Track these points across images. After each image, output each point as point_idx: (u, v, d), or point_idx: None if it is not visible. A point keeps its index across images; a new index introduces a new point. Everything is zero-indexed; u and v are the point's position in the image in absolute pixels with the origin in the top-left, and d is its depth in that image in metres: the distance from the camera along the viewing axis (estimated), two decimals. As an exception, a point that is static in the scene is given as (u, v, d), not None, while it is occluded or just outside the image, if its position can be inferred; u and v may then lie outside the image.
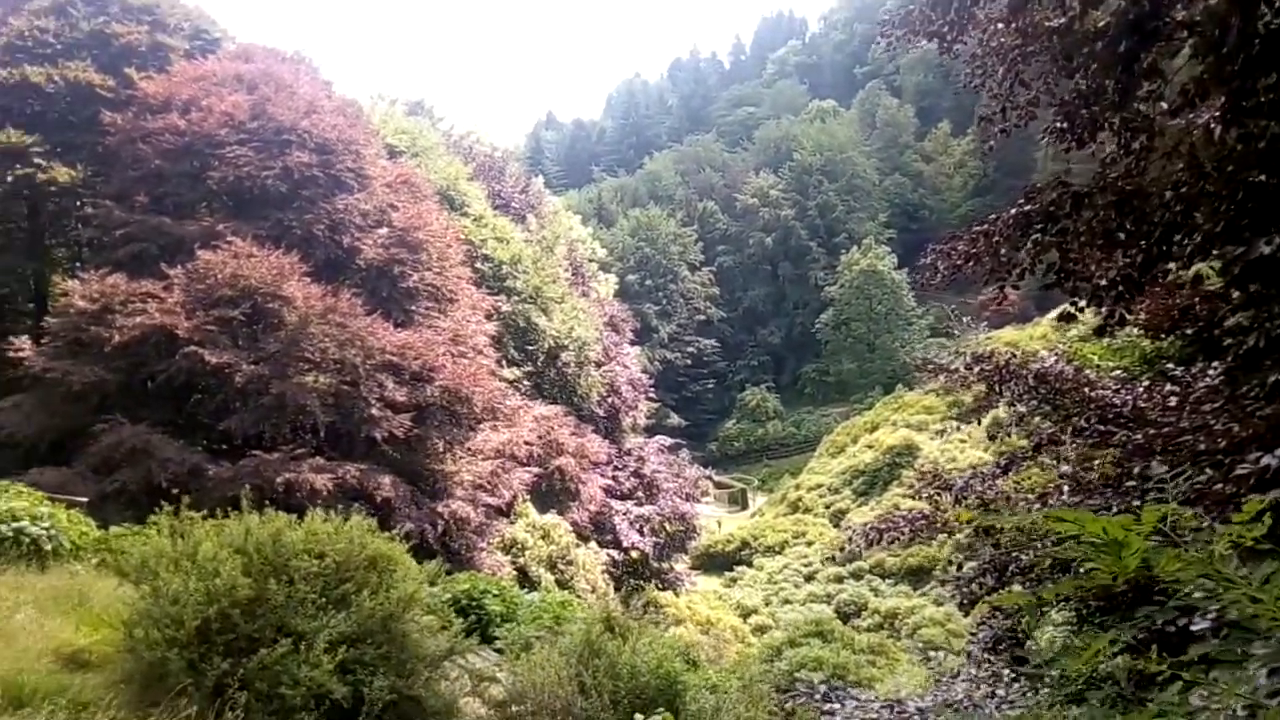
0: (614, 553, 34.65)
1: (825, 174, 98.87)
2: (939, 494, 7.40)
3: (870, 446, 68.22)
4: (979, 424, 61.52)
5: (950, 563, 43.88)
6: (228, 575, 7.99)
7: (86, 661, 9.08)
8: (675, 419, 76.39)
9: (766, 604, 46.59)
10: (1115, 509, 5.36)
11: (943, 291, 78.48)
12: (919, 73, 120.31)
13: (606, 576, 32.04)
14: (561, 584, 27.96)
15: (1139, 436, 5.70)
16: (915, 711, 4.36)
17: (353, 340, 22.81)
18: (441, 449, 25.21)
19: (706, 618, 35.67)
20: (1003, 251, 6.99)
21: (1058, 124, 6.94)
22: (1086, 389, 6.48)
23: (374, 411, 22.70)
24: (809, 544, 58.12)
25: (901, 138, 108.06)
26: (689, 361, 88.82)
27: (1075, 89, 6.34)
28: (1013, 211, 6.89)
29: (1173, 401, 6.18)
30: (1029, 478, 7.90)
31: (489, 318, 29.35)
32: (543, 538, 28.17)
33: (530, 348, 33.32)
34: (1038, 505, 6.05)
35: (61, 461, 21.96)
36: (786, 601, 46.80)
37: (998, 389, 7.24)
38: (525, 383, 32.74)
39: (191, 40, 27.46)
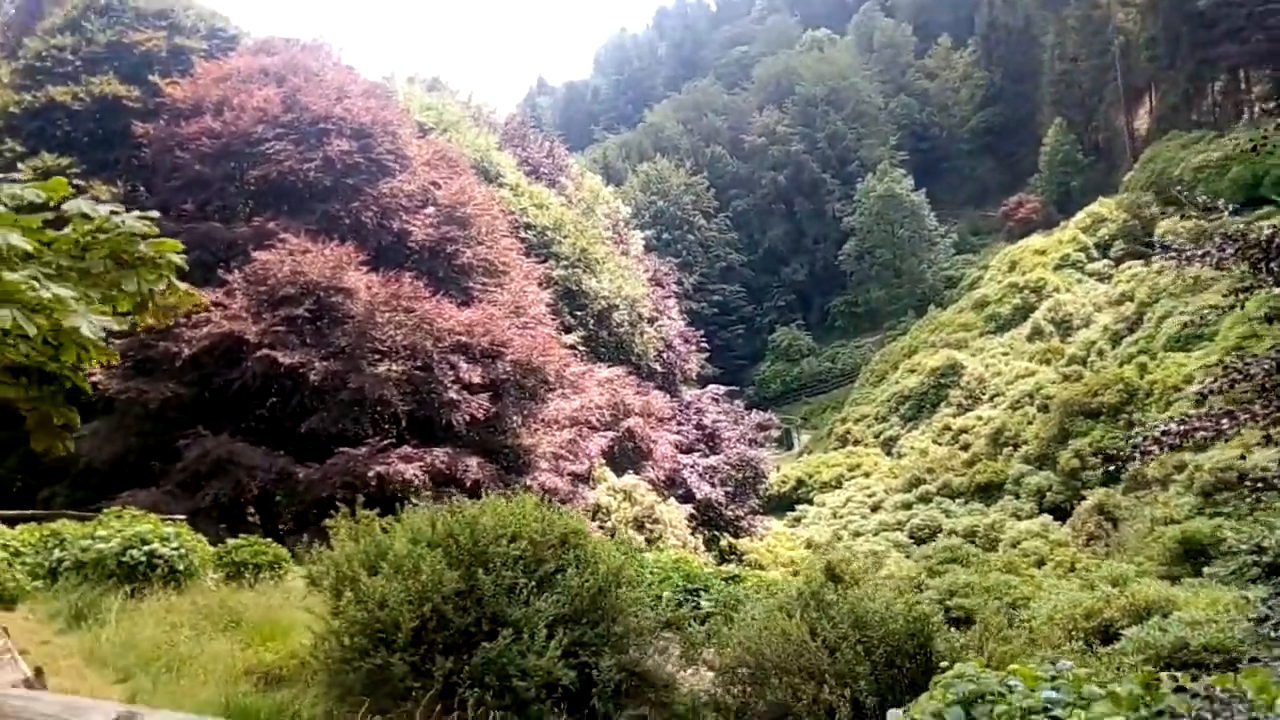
0: (687, 506, 34.44)
1: (830, 104, 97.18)
2: (1231, 385, 6.78)
3: (912, 370, 67.74)
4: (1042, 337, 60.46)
5: (1016, 481, 43.50)
6: (432, 570, 7.60)
7: (280, 678, 8.76)
8: (708, 368, 75.92)
9: (838, 538, 46.41)
10: None
11: (962, 207, 77.30)
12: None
13: (688, 529, 31.83)
14: (650, 541, 27.76)
15: None
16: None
17: (420, 324, 22.39)
18: (519, 423, 24.88)
19: (790, 559, 35.52)
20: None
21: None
22: None
23: (452, 395, 22.33)
24: (866, 475, 57.89)
25: (902, 58, 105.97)
26: (715, 310, 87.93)
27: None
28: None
29: None
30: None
31: (542, 286, 28.85)
32: (625, 499, 27.91)
33: (581, 311, 32.86)
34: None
35: (148, 482, 21.75)
36: (857, 534, 46.63)
37: (1263, 268, 6.61)
38: (581, 347, 32.32)
39: (209, 40, 26.81)
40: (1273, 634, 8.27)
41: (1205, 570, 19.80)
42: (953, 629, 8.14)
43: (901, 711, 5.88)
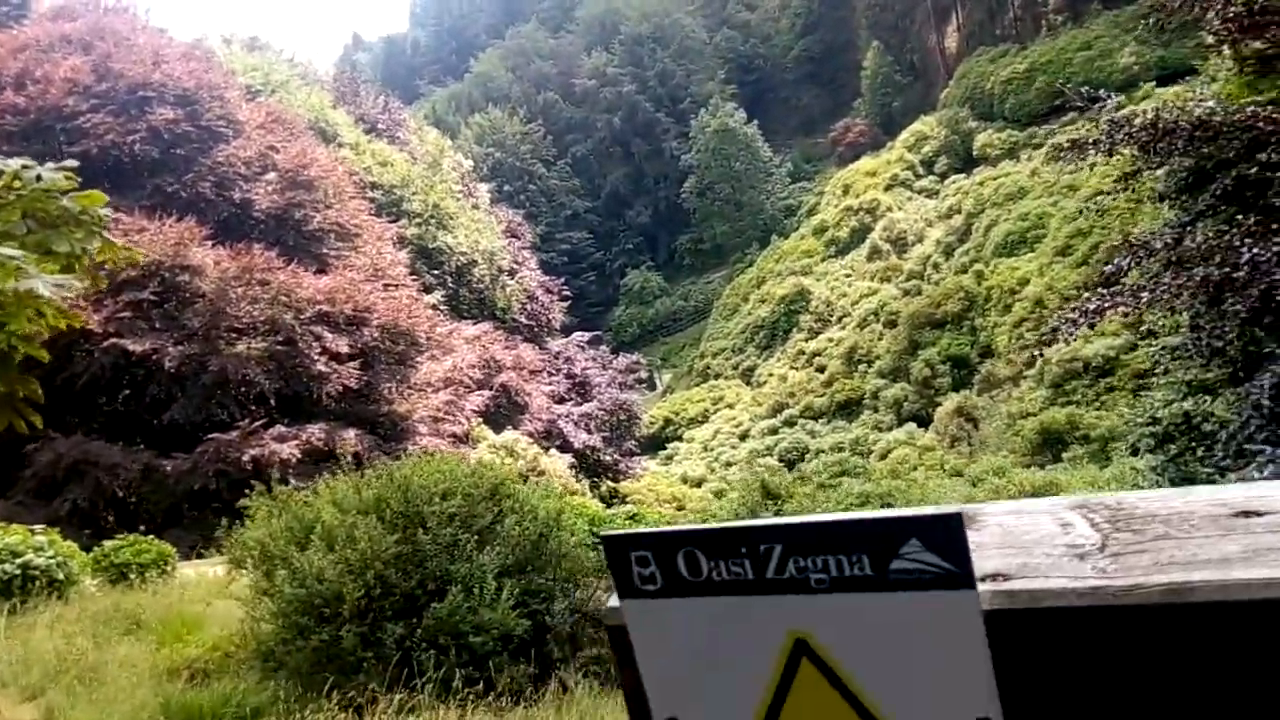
0: (567, 455, 34.44)
1: (656, 41, 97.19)
2: (1138, 262, 7.00)
3: (763, 300, 69.48)
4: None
5: (874, 396, 45.42)
6: (369, 538, 7.30)
7: (208, 671, 8.28)
8: (565, 318, 75.61)
9: (711, 471, 47.48)
10: None
11: (793, 136, 79.06)
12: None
13: (571, 477, 31.86)
14: (537, 495, 27.61)
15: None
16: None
17: (277, 297, 21.35)
18: (393, 390, 24.19)
19: (671, 495, 36.09)
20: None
21: None
22: (1263, 124, 6.16)
23: (320, 367, 21.46)
24: (730, 406, 59.32)
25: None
26: (565, 259, 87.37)
27: None
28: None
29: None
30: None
31: (396, 246, 27.93)
32: (508, 454, 27.59)
33: (439, 270, 32.00)
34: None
35: (-7, 495, 20.10)
36: (729, 464, 47.79)
37: (1151, 149, 6.89)
38: (443, 306, 31.55)
39: (-5, 9, 24.31)
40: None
41: (1065, 455, 21.20)
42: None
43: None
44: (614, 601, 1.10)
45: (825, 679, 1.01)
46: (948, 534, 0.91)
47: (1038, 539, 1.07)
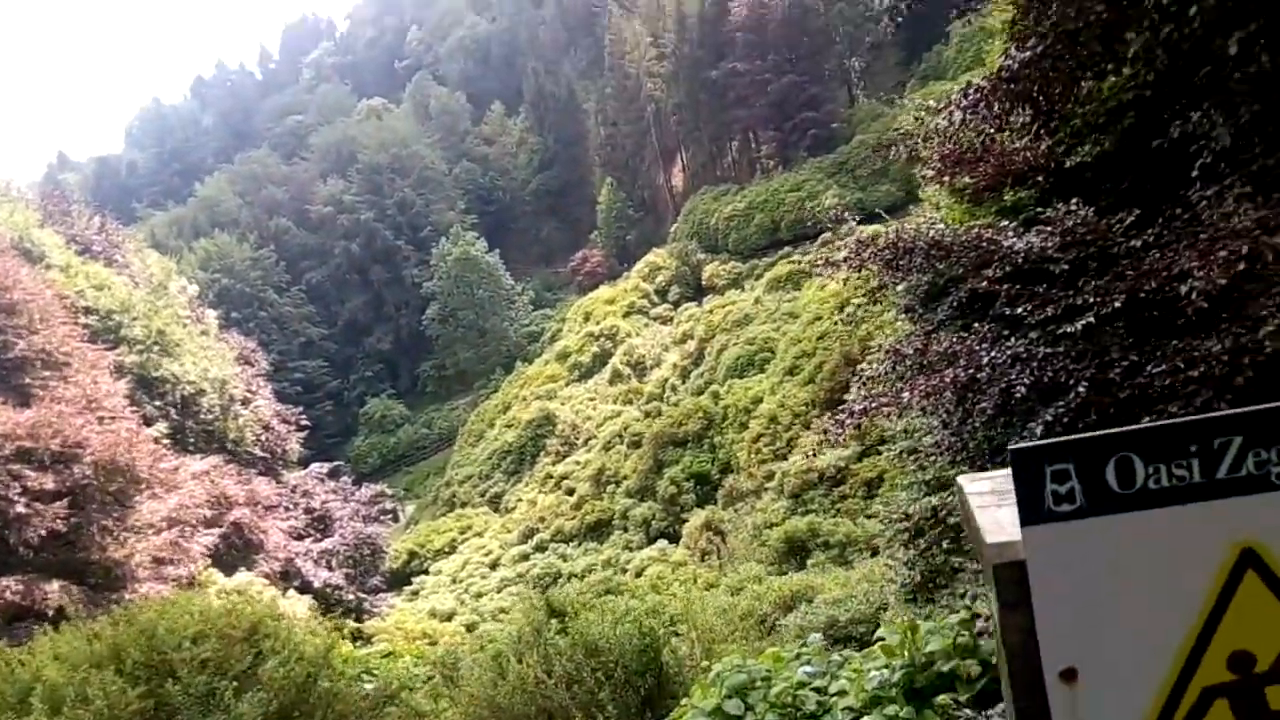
0: (307, 596, 32.16)
1: (395, 171, 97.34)
2: (894, 366, 7.50)
3: (509, 425, 69.33)
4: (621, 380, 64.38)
5: (624, 516, 46.07)
6: (106, 694, 6.37)
7: None
8: (298, 449, 71.71)
9: (461, 603, 45.80)
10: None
11: (534, 265, 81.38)
12: (459, 59, 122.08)
13: (314, 619, 29.66)
14: (276, 641, 25.41)
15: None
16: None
17: (-32, 433, 18.85)
18: (108, 533, 21.73)
19: (422, 631, 34.36)
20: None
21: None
22: (986, 244, 6.98)
23: (20, 509, 18.99)
24: (479, 534, 57.95)
25: (459, 125, 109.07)
26: (299, 388, 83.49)
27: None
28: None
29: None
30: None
31: (114, 376, 25.58)
32: (242, 600, 25.34)
33: (162, 400, 29.49)
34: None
35: None
36: (479, 595, 46.38)
37: (895, 266, 7.59)
38: (167, 439, 28.99)
39: None
40: (911, 592, 9.50)
41: (809, 561, 22.28)
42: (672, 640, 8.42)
43: (668, 720, 5.95)
44: (1001, 535, 0.92)
45: (1272, 594, 0.88)
46: None
47: None
